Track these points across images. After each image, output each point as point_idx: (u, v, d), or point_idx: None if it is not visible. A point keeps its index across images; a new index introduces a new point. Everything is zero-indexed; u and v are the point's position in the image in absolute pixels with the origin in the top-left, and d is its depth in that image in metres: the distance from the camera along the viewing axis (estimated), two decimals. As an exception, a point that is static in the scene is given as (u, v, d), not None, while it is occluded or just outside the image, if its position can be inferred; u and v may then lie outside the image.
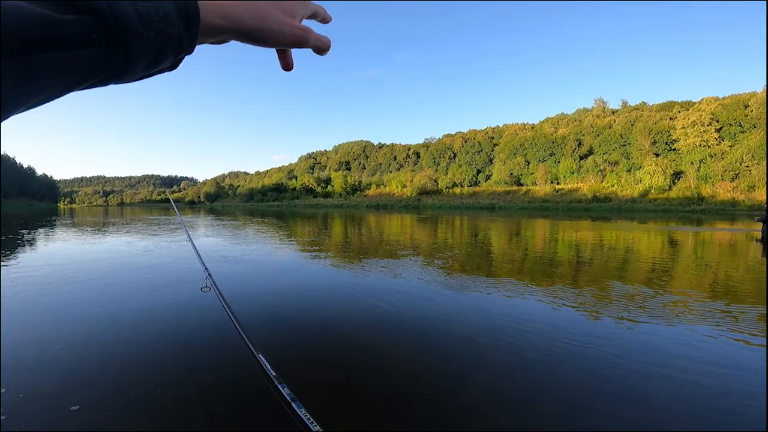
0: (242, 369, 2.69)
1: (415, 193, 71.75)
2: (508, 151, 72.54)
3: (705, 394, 2.45)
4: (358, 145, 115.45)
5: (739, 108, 51.12)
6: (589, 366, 2.85)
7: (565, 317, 4.00)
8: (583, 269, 7.01)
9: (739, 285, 5.73)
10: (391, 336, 3.50)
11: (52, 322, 3.78)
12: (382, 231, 16.19)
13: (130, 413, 2.20)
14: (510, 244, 11.30)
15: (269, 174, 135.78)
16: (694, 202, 42.65)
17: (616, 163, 58.24)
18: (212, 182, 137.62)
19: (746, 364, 2.93)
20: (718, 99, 56.05)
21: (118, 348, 3.15)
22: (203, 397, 2.37)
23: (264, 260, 7.90)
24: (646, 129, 56.86)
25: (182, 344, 3.22)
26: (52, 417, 2.15)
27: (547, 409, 2.27)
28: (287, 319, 3.97)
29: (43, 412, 2.20)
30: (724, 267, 7.27)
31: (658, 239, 12.40)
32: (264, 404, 2.24)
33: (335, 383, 2.59)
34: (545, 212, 38.75)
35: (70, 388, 2.46)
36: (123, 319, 3.88)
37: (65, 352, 3.05)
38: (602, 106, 75.56)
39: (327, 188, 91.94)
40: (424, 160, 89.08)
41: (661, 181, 48.19)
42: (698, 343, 3.30)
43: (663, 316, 4.02)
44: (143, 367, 2.78)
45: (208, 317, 3.85)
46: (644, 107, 67.24)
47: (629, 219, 25.54)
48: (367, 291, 5.16)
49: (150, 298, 4.75)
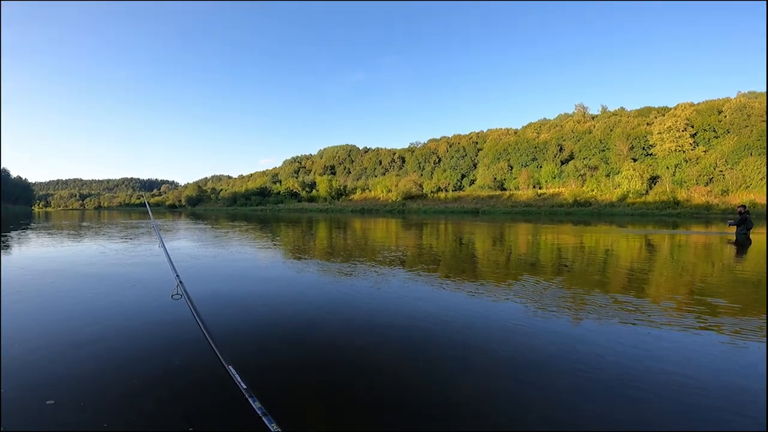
0: (212, 380, 2.56)
1: (400, 198, 71.87)
2: (492, 156, 73.50)
3: (697, 395, 2.46)
4: (344, 150, 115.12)
5: (713, 114, 53.08)
6: (578, 367, 2.83)
7: (550, 319, 4.00)
8: (566, 272, 7.07)
9: (718, 285, 5.86)
10: (374, 342, 3.42)
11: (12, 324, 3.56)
12: (367, 235, 16.10)
13: (94, 420, 2.05)
14: (494, 248, 11.37)
15: (253, 178, 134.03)
16: (670, 206, 43.94)
17: (596, 168, 59.62)
18: (194, 186, 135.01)
19: (740, 362, 2.96)
20: (693, 105, 58.03)
21: (83, 351, 2.98)
22: (173, 408, 2.24)
23: (241, 265, 7.72)
24: (624, 134, 58.48)
25: (150, 352, 3.06)
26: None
27: (535, 412, 2.25)
28: (263, 326, 3.84)
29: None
30: (701, 268, 7.45)
31: (637, 242, 12.68)
32: (235, 418, 2.13)
33: (314, 393, 2.49)
34: (528, 216, 39.33)
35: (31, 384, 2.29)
36: (89, 320, 3.69)
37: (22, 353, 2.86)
38: (582, 112, 77.30)
39: (312, 192, 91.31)
40: (410, 165, 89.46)
41: (639, 185, 49.54)
42: (687, 344, 3.33)
43: (649, 317, 4.05)
44: (108, 373, 2.63)
45: (180, 325, 3.70)
46: (622, 113, 69.06)
47: (608, 222, 26.12)
48: (350, 296, 5.07)
49: (117, 302, 4.54)
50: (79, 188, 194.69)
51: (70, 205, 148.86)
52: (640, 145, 56.94)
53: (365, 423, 2.16)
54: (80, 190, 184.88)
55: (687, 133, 52.61)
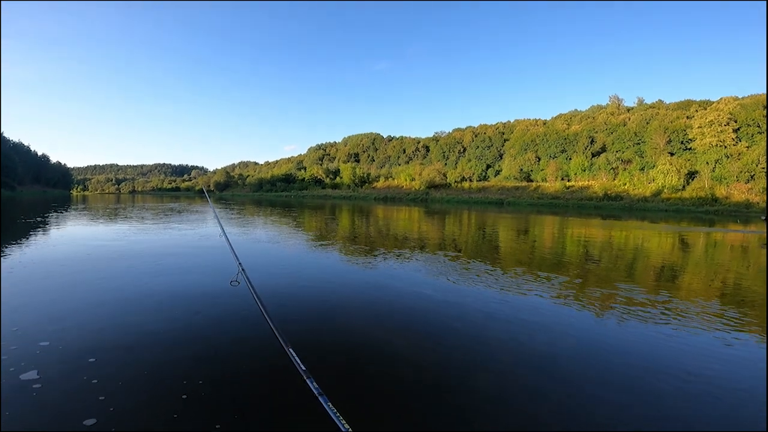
0: (270, 362, 2.80)
1: (424, 187, 71.37)
2: (519, 146, 71.67)
3: (711, 395, 2.52)
4: (368, 138, 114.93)
5: (758, 108, 49.67)
6: (597, 362, 2.92)
7: (573, 315, 4.07)
8: (591, 268, 7.03)
9: (749, 288, 5.72)
10: (415, 331, 3.61)
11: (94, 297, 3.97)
12: (390, 224, 16.27)
13: (157, 392, 2.35)
14: (518, 241, 11.31)
15: (278, 164, 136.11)
16: (708, 202, 41.79)
17: (629, 162, 57.22)
18: (222, 172, 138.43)
19: (750, 364, 2.98)
20: (737, 99, 54.51)
21: (147, 329, 3.33)
22: (233, 387, 2.49)
23: (282, 253, 8.06)
24: (662, 127, 55.66)
25: (211, 333, 3.35)
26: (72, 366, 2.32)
27: (550, 408, 2.32)
28: (308, 312, 4.10)
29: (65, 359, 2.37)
30: (735, 270, 7.23)
31: (669, 240, 12.30)
32: (292, 397, 2.37)
33: (358, 376, 2.70)
34: (554, 209, 38.41)
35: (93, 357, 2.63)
36: (150, 302, 4.07)
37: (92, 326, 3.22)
38: (617, 104, 74.03)
39: (336, 180, 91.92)
40: (434, 154, 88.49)
41: (675, 180, 47.22)
42: (704, 345, 3.35)
43: (669, 317, 4.06)
44: (171, 352, 2.94)
45: (233, 309, 3.99)
46: (660, 105, 65.66)
47: (640, 218, 25.24)
48: (395, 284, 5.27)
49: (180, 284, 4.93)
50: (115, 173, 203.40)
51: (106, 189, 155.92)
52: (678, 139, 54.12)
53: (404, 411, 2.34)
54: (116, 175, 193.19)
55: (729, 128, 49.54)
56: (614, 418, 2.18)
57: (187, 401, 2.23)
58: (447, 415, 2.19)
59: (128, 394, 2.26)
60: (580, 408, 2.28)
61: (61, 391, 2.26)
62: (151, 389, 2.33)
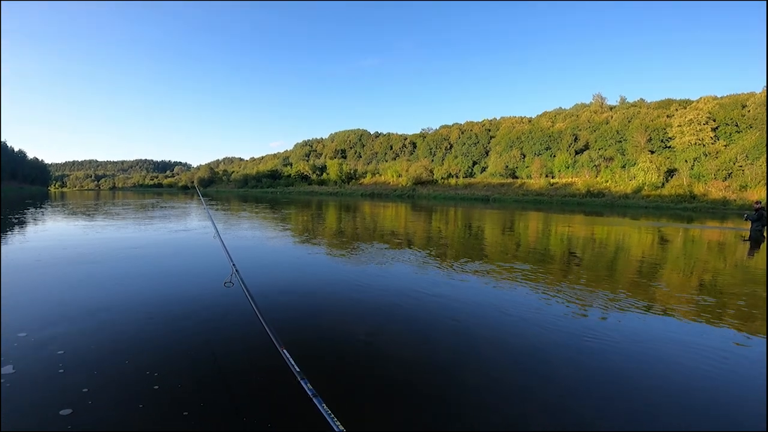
0: (265, 362, 2.72)
1: (411, 183, 71.50)
2: (505, 143, 72.41)
3: (701, 392, 2.53)
4: (355, 134, 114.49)
5: (737, 108, 51.24)
6: (582, 359, 2.93)
7: (557, 310, 4.10)
8: (575, 263, 7.13)
9: (728, 282, 5.88)
10: (407, 330, 3.58)
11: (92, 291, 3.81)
12: (376, 220, 16.23)
13: (149, 395, 2.26)
14: (503, 237, 11.41)
15: (264, 160, 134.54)
16: (686, 200, 42.99)
17: (611, 159, 58.42)
18: (206, 168, 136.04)
19: (744, 361, 3.04)
20: (716, 98, 56.11)
21: (140, 330, 3.22)
22: (228, 386, 2.43)
23: (271, 251, 7.93)
24: (643, 126, 56.95)
25: (205, 333, 3.26)
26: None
27: (538, 403, 2.32)
28: (300, 312, 4.03)
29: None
30: (713, 264, 7.43)
31: (649, 236, 12.59)
32: (286, 398, 2.32)
33: (353, 377, 2.66)
34: (539, 205, 38.98)
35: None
36: (141, 303, 3.93)
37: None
38: (600, 102, 75.38)
39: (322, 176, 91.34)
40: (421, 151, 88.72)
41: (655, 178, 48.44)
42: (691, 339, 3.40)
43: (656, 312, 4.13)
44: (164, 354, 2.86)
45: (226, 310, 3.89)
46: (642, 104, 67.11)
47: (621, 215, 25.80)
48: (385, 282, 5.23)
49: (174, 285, 4.79)
50: (94, 169, 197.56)
51: (85, 186, 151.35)
52: (659, 138, 55.48)
53: (398, 410, 2.30)
54: (95, 171, 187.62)
55: (708, 127, 51.01)
56: (604, 418, 2.18)
57: (180, 403, 2.17)
58: (438, 414, 2.18)
59: (128, 399, 2.18)
60: (570, 407, 2.28)
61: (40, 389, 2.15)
62: (144, 391, 2.25)
